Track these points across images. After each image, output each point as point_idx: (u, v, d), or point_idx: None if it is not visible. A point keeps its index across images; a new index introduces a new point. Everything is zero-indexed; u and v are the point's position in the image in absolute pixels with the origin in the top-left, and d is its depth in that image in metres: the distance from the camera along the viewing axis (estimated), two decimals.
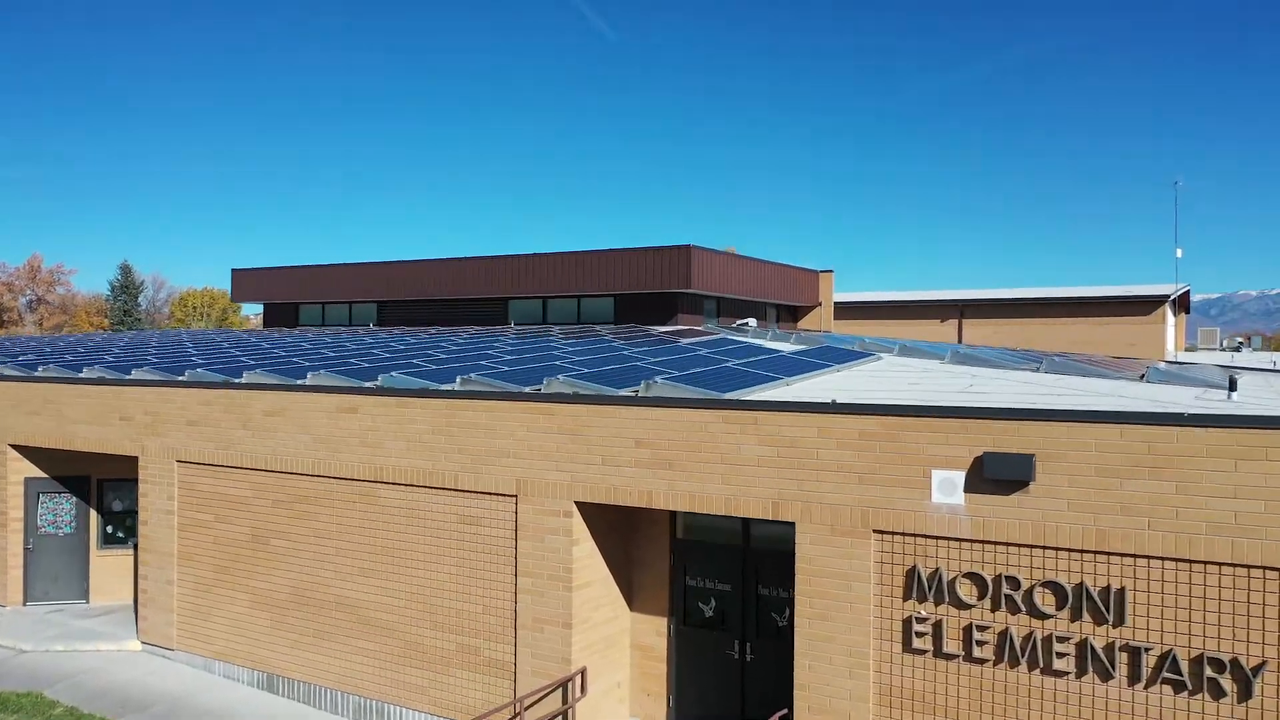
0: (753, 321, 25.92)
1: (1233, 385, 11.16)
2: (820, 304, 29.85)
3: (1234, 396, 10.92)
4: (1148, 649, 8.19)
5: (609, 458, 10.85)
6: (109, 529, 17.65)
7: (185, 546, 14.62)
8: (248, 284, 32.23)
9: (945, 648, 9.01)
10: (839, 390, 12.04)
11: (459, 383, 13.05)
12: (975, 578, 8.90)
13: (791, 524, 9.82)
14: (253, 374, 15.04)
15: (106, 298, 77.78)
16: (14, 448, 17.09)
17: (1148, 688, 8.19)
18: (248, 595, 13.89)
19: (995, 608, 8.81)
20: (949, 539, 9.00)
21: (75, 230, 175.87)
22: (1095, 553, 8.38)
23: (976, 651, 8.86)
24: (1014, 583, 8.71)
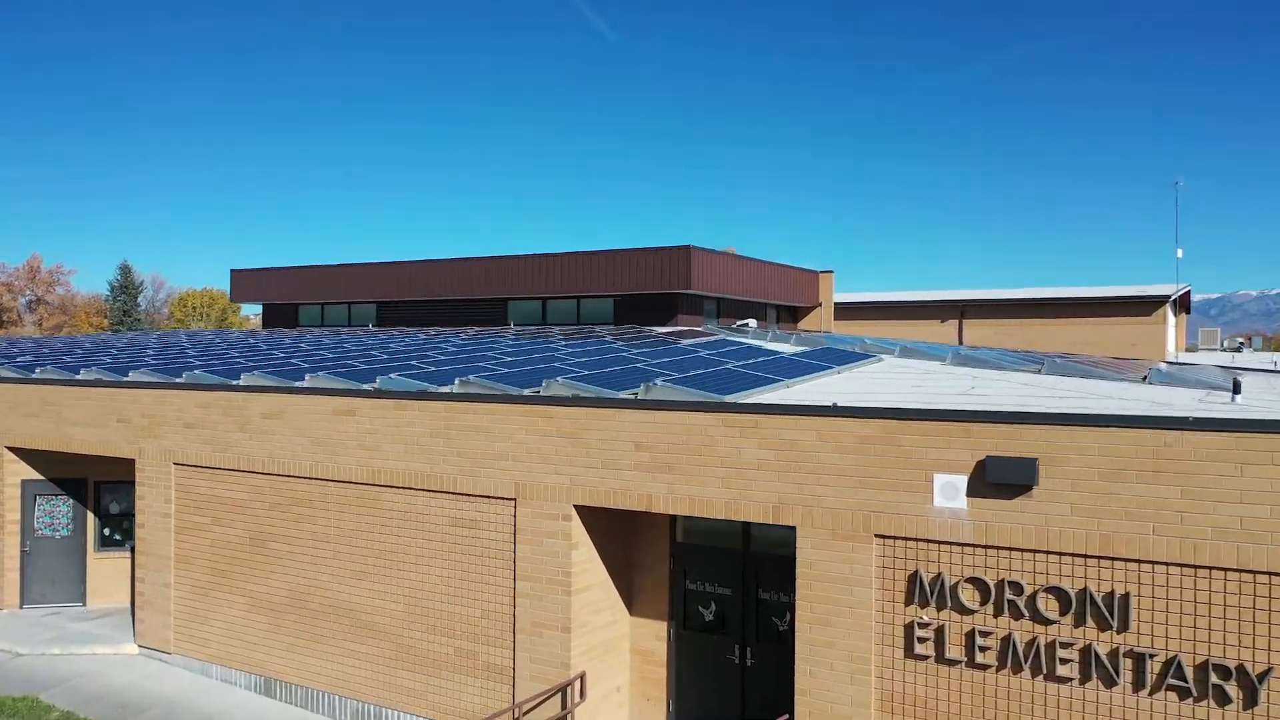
0: (753, 322, 25.82)
1: (1236, 388, 11.08)
2: (820, 304, 29.77)
3: (1238, 399, 10.84)
4: (1152, 655, 8.11)
5: (608, 461, 10.77)
6: (106, 531, 17.57)
7: (182, 549, 14.55)
8: (246, 284, 32.13)
9: (947, 653, 8.93)
10: (840, 393, 11.96)
11: (458, 385, 12.97)
12: (978, 583, 8.82)
13: (792, 528, 9.75)
14: (250, 376, 14.96)
15: (106, 298, 77.71)
16: (11, 450, 17.01)
17: (1152, 694, 8.11)
18: (245, 599, 13.81)
19: (998, 613, 8.73)
20: (951, 544, 8.92)
21: (75, 230, 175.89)
22: (1099, 558, 8.30)
23: (979, 657, 8.78)
24: (1017, 588, 8.63)
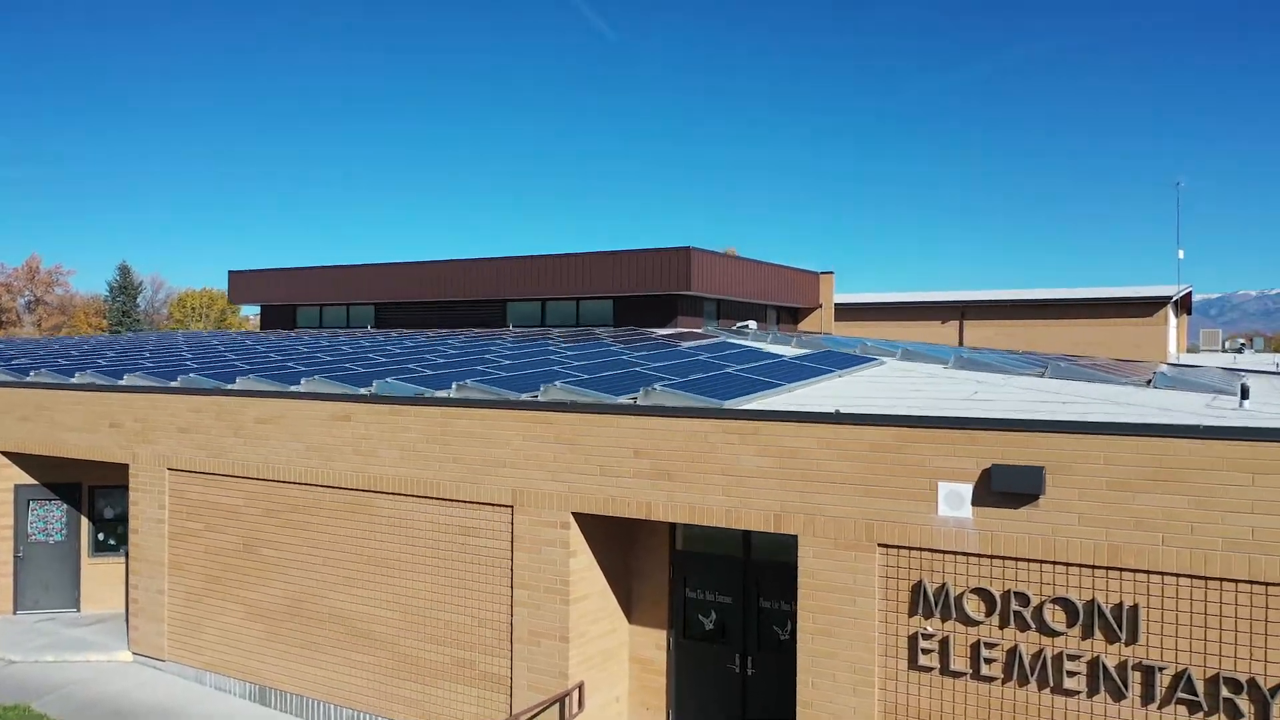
0: (753, 324, 25.65)
1: (1244, 393, 10.91)
2: (821, 306, 29.61)
3: (1246, 405, 10.68)
4: (1162, 668, 7.95)
5: (607, 468, 10.61)
6: (100, 536, 17.41)
7: (176, 556, 14.38)
8: (244, 286, 31.96)
9: (952, 665, 8.77)
10: (841, 397, 11.80)
11: (454, 389, 12.80)
12: (983, 593, 8.66)
13: (794, 536, 9.59)
14: (245, 380, 14.79)
15: (105, 298, 77.59)
16: (4, 454, 16.84)
17: (1162, 708, 7.94)
18: (240, 606, 13.65)
19: (1004, 624, 8.57)
20: (956, 553, 8.75)
21: (74, 230, 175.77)
22: (1107, 568, 8.14)
23: (984, 669, 8.62)
24: (1023, 599, 8.47)
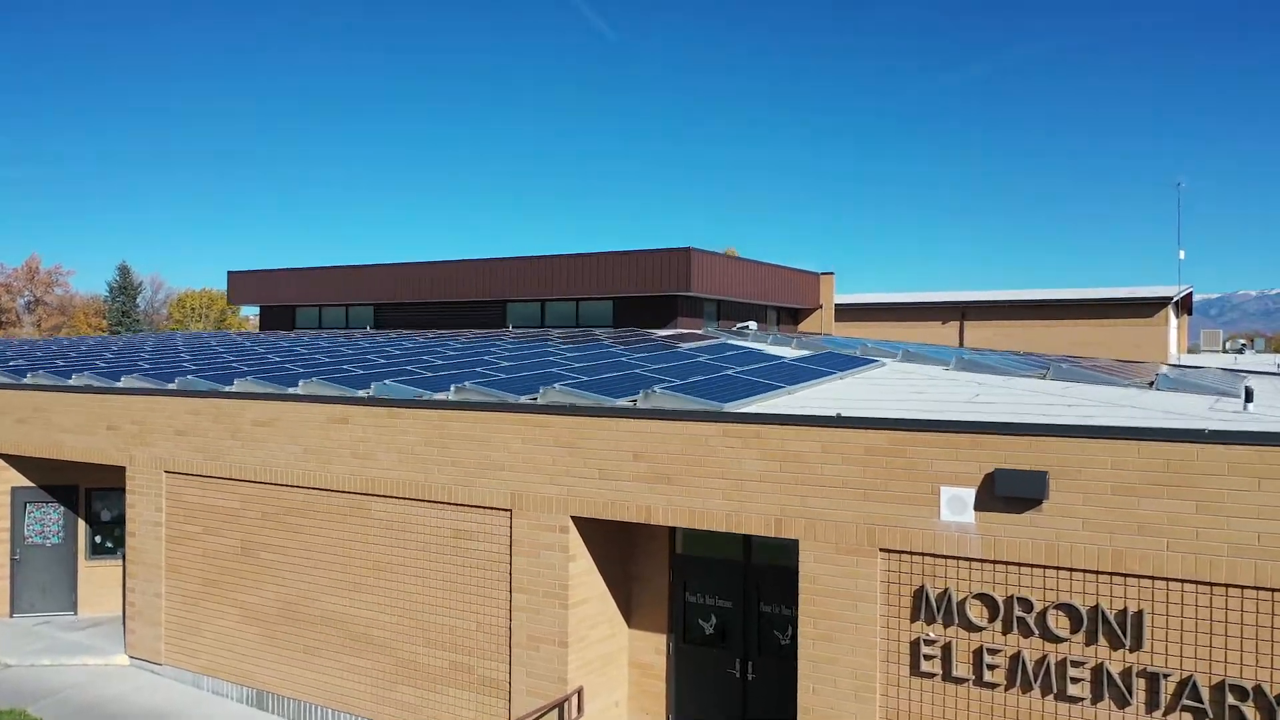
0: (753, 324, 25.56)
1: (1249, 396, 10.81)
2: (821, 306, 29.51)
3: (1250, 407, 10.58)
4: (1166, 675, 7.87)
5: (606, 471, 10.53)
6: (98, 539, 17.33)
7: (173, 559, 14.30)
8: (244, 286, 31.86)
9: (955, 671, 8.69)
10: (842, 399, 11.71)
11: (453, 391, 12.71)
12: (986, 599, 8.57)
13: (795, 540, 9.50)
14: (243, 381, 14.69)
15: (105, 299, 77.52)
16: (1, 456, 16.76)
17: (1166, 715, 7.86)
18: (237, 609, 13.56)
19: (1007, 630, 8.49)
20: (958, 558, 8.67)
21: (74, 231, 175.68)
22: (1111, 574, 8.06)
23: (987, 676, 8.54)
24: (1026, 604, 8.39)
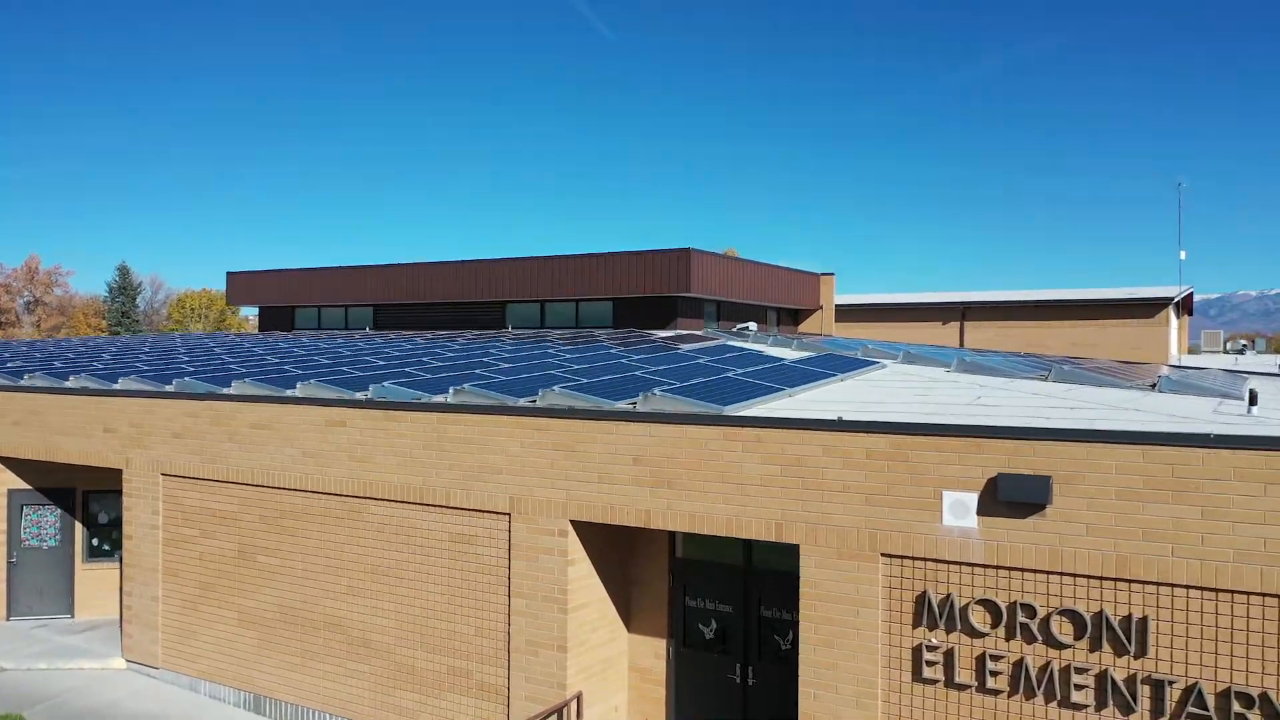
0: (753, 325, 25.48)
1: (1253, 399, 10.73)
2: (821, 307, 29.43)
3: (1254, 410, 10.50)
4: (1171, 682, 7.79)
5: (605, 475, 10.45)
6: (95, 542, 17.24)
7: (170, 562, 14.22)
8: (243, 287, 31.79)
9: (957, 678, 8.60)
10: (843, 402, 11.63)
11: (451, 394, 12.63)
12: (989, 605, 8.49)
13: (796, 545, 9.42)
14: (241, 383, 14.61)
15: (104, 299, 77.45)
16: None
17: None
18: (234, 613, 13.48)
19: (1010, 636, 8.41)
20: (961, 564, 8.59)
21: (74, 231, 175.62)
22: (1115, 580, 7.98)
23: (990, 682, 8.46)
24: (1030, 611, 8.31)
